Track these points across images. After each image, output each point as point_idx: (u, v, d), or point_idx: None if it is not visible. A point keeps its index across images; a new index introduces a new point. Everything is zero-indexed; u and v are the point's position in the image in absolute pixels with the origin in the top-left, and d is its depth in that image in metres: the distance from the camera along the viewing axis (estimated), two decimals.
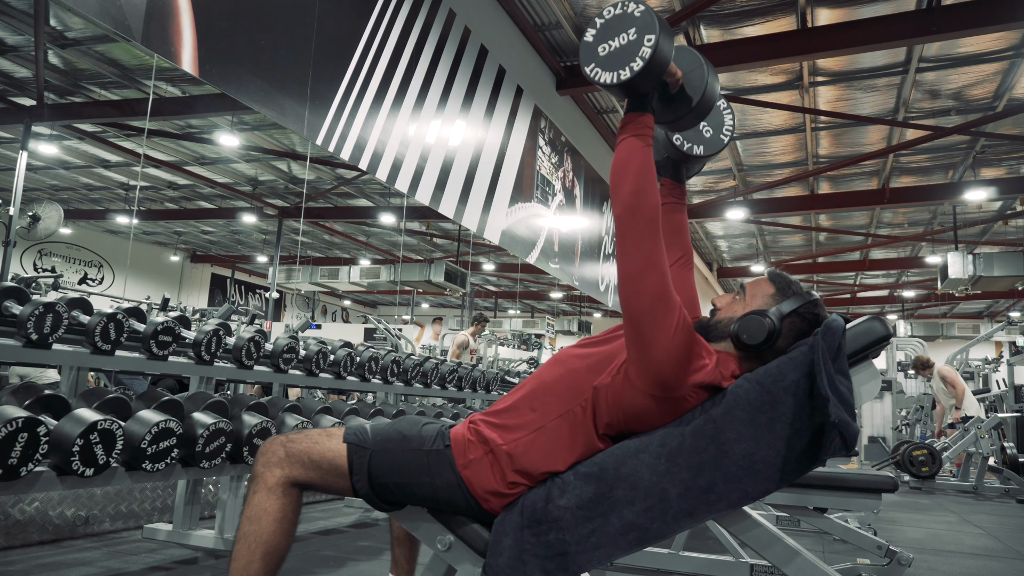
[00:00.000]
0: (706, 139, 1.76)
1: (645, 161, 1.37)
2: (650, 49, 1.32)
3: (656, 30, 1.33)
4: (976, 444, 6.79)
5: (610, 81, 1.37)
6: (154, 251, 14.92)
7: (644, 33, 1.34)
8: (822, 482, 2.51)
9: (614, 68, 1.36)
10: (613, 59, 1.37)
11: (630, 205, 1.33)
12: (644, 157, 1.37)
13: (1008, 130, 7.14)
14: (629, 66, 1.34)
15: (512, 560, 1.31)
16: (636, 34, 1.35)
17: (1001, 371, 9.68)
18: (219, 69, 2.93)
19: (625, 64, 1.35)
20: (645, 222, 1.33)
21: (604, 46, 1.39)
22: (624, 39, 1.36)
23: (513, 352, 13.63)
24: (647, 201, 1.34)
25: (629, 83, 1.35)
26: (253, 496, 1.35)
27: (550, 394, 1.43)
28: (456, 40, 4.74)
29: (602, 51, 1.39)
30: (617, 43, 1.37)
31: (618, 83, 1.36)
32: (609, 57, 1.37)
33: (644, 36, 1.34)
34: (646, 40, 1.33)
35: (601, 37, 1.40)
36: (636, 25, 1.35)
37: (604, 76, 1.38)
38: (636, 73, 1.33)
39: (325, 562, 2.86)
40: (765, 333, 1.42)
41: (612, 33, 1.38)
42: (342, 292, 19.14)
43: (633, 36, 1.35)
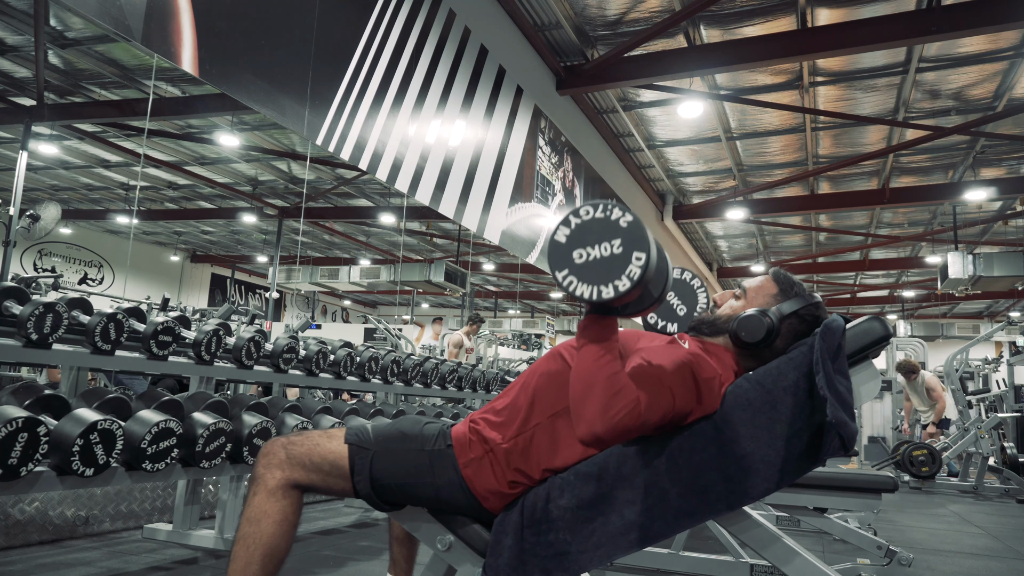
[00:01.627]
0: (680, 317, 1.75)
1: (611, 372, 1.23)
2: (640, 270, 1.16)
3: (646, 248, 1.17)
4: (976, 444, 6.79)
5: (589, 297, 1.20)
6: (154, 251, 14.91)
7: (632, 250, 1.18)
8: (822, 482, 2.52)
9: (593, 283, 1.19)
10: (592, 271, 1.20)
11: (596, 432, 1.20)
12: (609, 370, 1.23)
13: (1008, 130, 7.14)
14: (614, 284, 1.18)
15: (512, 560, 1.31)
16: (622, 249, 1.18)
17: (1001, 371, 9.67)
18: (219, 69, 2.93)
19: (608, 281, 1.18)
20: (621, 433, 1.22)
21: (581, 252, 1.21)
22: (606, 250, 1.19)
23: (513, 352, 13.63)
24: (615, 423, 1.20)
25: (609, 302, 1.20)
26: (253, 498, 1.35)
27: (548, 390, 1.43)
28: (456, 40, 4.74)
29: (578, 258, 1.21)
30: (598, 253, 1.20)
31: (597, 301, 1.20)
32: (587, 267, 1.20)
33: (632, 253, 1.17)
34: (635, 259, 1.17)
35: (577, 240, 1.22)
36: (623, 238, 1.19)
37: (581, 288, 1.20)
38: (621, 294, 1.18)
39: (325, 562, 2.86)
40: (764, 332, 1.42)
41: (591, 239, 1.21)
42: (342, 292, 19.14)
43: (618, 250, 1.18)
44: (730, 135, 7.58)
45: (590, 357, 1.24)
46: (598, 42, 5.85)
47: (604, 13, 5.44)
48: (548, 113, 6.17)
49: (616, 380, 1.22)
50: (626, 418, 1.20)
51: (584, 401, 1.22)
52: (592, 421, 1.20)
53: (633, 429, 1.22)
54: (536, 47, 5.73)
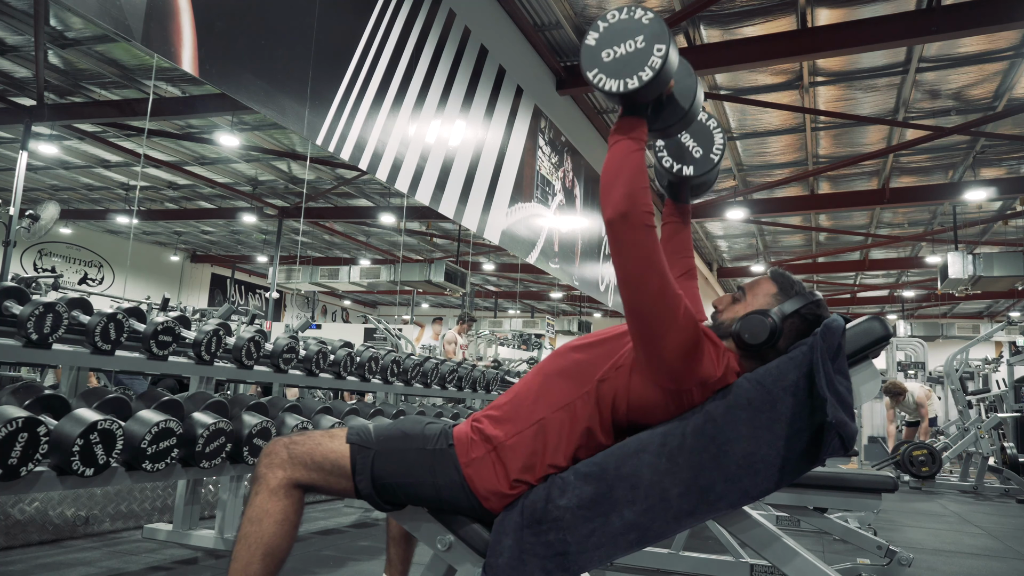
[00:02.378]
0: (696, 159, 1.74)
1: (638, 164, 1.33)
2: (660, 60, 1.28)
3: (667, 40, 1.29)
4: (976, 444, 6.79)
5: (616, 89, 1.32)
6: (154, 251, 14.91)
7: (653, 43, 1.30)
8: (822, 482, 2.52)
9: (620, 76, 1.32)
10: (619, 66, 1.32)
11: (622, 209, 1.30)
12: (637, 160, 1.34)
13: (1008, 130, 7.14)
14: (637, 75, 1.30)
15: (512, 560, 1.31)
16: (644, 43, 1.31)
17: (1001, 371, 9.68)
18: (219, 69, 2.93)
19: (633, 73, 1.31)
20: (638, 225, 1.30)
21: (608, 51, 1.34)
22: (631, 46, 1.32)
23: (513, 352, 13.63)
24: (639, 204, 1.30)
25: (635, 92, 1.31)
26: (255, 497, 1.35)
27: (552, 387, 1.43)
28: (456, 40, 4.74)
29: (606, 56, 1.34)
30: (623, 50, 1.32)
31: (624, 91, 1.32)
32: (614, 64, 1.33)
33: (653, 46, 1.29)
34: (655, 50, 1.29)
35: (605, 42, 1.35)
36: (644, 33, 1.31)
37: (609, 83, 1.33)
38: (645, 83, 1.30)
39: (325, 562, 2.86)
40: (767, 333, 1.42)
41: (617, 39, 1.34)
42: (342, 292, 19.14)
43: (641, 44, 1.31)
44: (730, 135, 7.58)
45: (622, 150, 1.34)
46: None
47: (604, 13, 5.43)
48: (548, 113, 6.16)
49: (642, 175, 1.32)
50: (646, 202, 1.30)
51: (612, 185, 1.32)
52: (619, 201, 1.30)
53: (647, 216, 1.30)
54: (536, 47, 5.73)
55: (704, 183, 1.79)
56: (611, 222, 1.31)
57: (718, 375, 1.38)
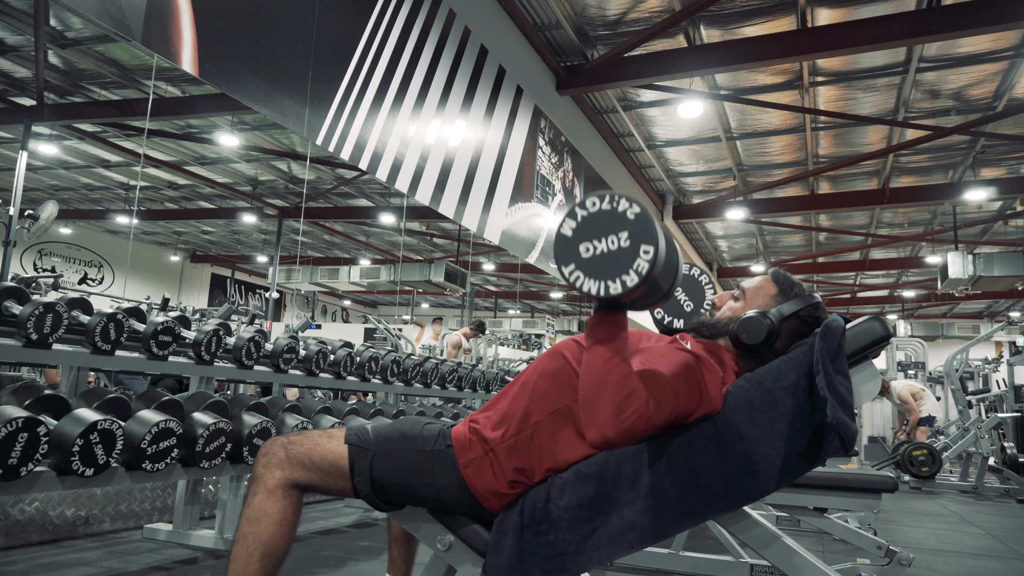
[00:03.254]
0: (687, 313, 1.75)
1: (621, 373, 1.22)
2: (648, 264, 1.14)
3: (655, 240, 1.14)
4: (976, 444, 6.79)
5: (597, 292, 1.17)
6: (154, 251, 14.91)
7: (640, 243, 1.15)
8: (822, 482, 2.52)
9: (601, 278, 1.17)
10: (599, 266, 1.17)
11: (607, 435, 1.21)
12: (619, 369, 1.22)
13: (1008, 130, 7.14)
14: (621, 280, 1.15)
15: (512, 560, 1.31)
16: (629, 242, 1.15)
17: (1001, 371, 9.68)
18: (219, 69, 2.93)
19: (616, 275, 1.15)
20: (631, 437, 1.23)
21: (588, 246, 1.18)
22: (613, 243, 1.16)
23: (513, 352, 13.63)
24: (625, 429, 1.20)
25: (618, 297, 1.18)
26: (253, 497, 1.35)
27: (548, 388, 1.42)
28: (456, 40, 4.74)
29: (585, 252, 1.18)
30: (605, 246, 1.17)
31: (605, 296, 1.17)
32: (594, 262, 1.17)
33: (640, 247, 1.15)
34: (643, 252, 1.14)
35: (583, 234, 1.19)
36: (630, 230, 1.16)
37: (588, 284, 1.17)
38: (628, 290, 1.15)
39: (325, 562, 2.86)
40: (764, 334, 1.42)
41: (597, 231, 1.18)
42: (342, 292, 19.14)
43: (626, 243, 1.16)
44: (730, 135, 7.58)
45: (600, 359, 1.22)
46: (598, 42, 5.85)
47: (604, 13, 5.44)
48: (548, 113, 6.16)
49: (627, 383, 1.21)
50: (637, 422, 1.20)
51: (595, 405, 1.21)
52: (603, 425, 1.20)
53: (642, 432, 1.23)
54: (536, 47, 5.73)
55: None
56: (596, 447, 1.25)
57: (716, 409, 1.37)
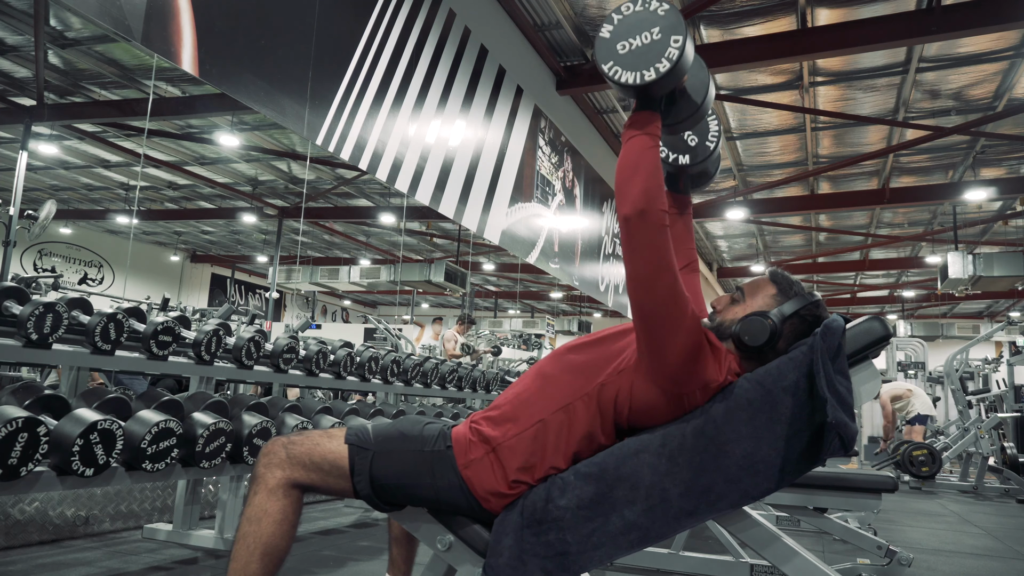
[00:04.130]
0: (691, 148, 1.73)
1: (655, 161, 1.32)
2: (678, 51, 1.27)
3: (683, 31, 1.27)
4: (976, 444, 6.79)
5: (632, 81, 1.30)
6: (154, 251, 14.91)
7: (670, 33, 1.28)
8: (822, 482, 2.52)
9: (636, 68, 1.30)
10: (635, 58, 1.30)
11: (640, 207, 1.28)
12: (654, 157, 1.32)
13: (1008, 130, 7.14)
14: (655, 67, 1.28)
15: (512, 560, 1.31)
16: (660, 34, 1.29)
17: (1001, 371, 9.68)
18: (219, 69, 2.93)
19: (649, 65, 1.29)
20: (654, 224, 1.29)
21: (624, 44, 1.32)
22: (647, 38, 1.30)
23: (513, 352, 13.62)
24: (656, 202, 1.29)
25: (652, 84, 1.29)
26: (254, 497, 1.35)
27: (551, 387, 1.43)
28: (456, 40, 4.74)
29: (621, 49, 1.32)
30: (639, 41, 1.30)
31: (641, 84, 1.30)
32: (630, 56, 1.31)
33: (670, 37, 1.28)
34: (672, 41, 1.27)
35: (620, 34, 1.33)
36: (660, 25, 1.29)
37: (625, 75, 1.31)
38: (663, 75, 1.28)
39: (325, 562, 2.86)
40: (767, 335, 1.41)
41: (633, 31, 1.32)
42: (342, 292, 19.14)
43: (657, 36, 1.29)
44: (730, 135, 7.58)
45: (638, 146, 1.32)
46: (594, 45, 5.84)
47: (604, 13, 5.44)
48: (548, 113, 6.16)
49: (658, 173, 1.31)
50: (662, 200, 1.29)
51: (629, 181, 1.30)
52: (636, 197, 1.29)
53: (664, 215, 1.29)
54: (536, 47, 5.73)
55: (704, 172, 1.77)
56: (627, 219, 1.30)
57: (720, 380, 1.38)
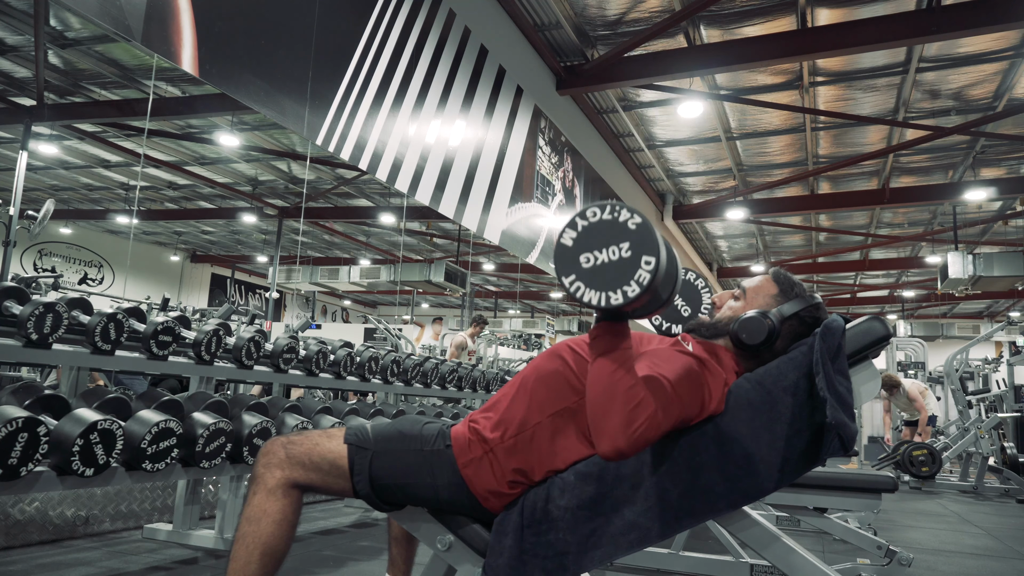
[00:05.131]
0: (684, 318, 1.75)
1: (628, 380, 1.20)
2: (649, 275, 1.13)
3: (656, 251, 1.14)
4: (976, 444, 6.79)
5: (598, 303, 1.16)
6: (154, 251, 14.91)
7: (641, 253, 1.14)
8: (822, 482, 2.52)
9: (602, 288, 1.16)
10: (600, 276, 1.16)
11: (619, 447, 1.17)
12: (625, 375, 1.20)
13: (1008, 130, 7.14)
14: (623, 290, 1.14)
15: (512, 560, 1.31)
16: (631, 252, 1.15)
17: (1001, 371, 9.68)
18: (219, 69, 2.93)
19: (617, 286, 1.15)
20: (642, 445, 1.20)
21: (588, 256, 1.17)
22: (614, 254, 1.16)
23: (513, 352, 13.62)
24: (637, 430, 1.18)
25: (618, 308, 1.17)
26: (253, 497, 1.35)
27: (548, 389, 1.42)
28: (456, 40, 4.74)
29: (585, 262, 1.17)
30: (605, 257, 1.16)
31: (607, 307, 1.16)
32: (594, 272, 1.17)
33: (641, 257, 1.14)
34: (644, 263, 1.13)
35: (584, 244, 1.18)
36: (631, 240, 1.15)
37: (590, 295, 1.16)
38: (630, 300, 1.14)
39: (325, 562, 2.86)
40: (765, 334, 1.42)
41: (598, 242, 1.17)
42: (342, 292, 19.14)
43: (627, 254, 1.15)
44: (730, 135, 7.58)
45: (606, 371, 1.21)
46: (598, 42, 5.85)
47: (604, 13, 5.44)
48: (548, 113, 6.16)
49: (634, 394, 1.19)
50: (647, 431, 1.18)
51: (605, 418, 1.19)
52: (615, 437, 1.17)
53: (652, 440, 1.21)
54: (536, 47, 5.73)
55: None
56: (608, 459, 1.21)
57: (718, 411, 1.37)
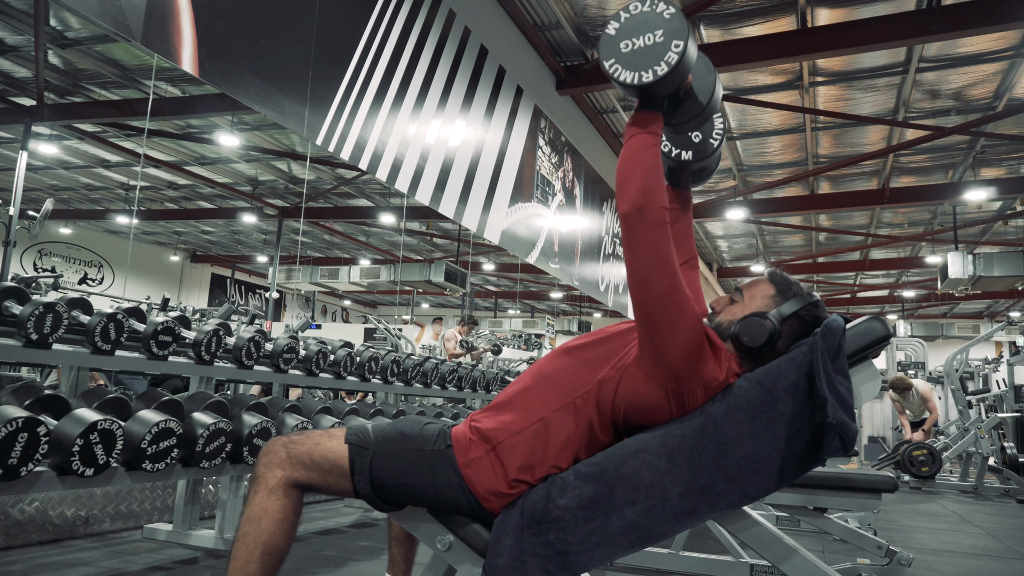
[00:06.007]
0: (695, 144, 1.73)
1: (654, 159, 1.34)
2: (677, 56, 1.29)
3: (685, 36, 1.29)
4: (976, 444, 6.79)
5: (631, 81, 1.33)
6: (154, 251, 14.91)
7: (672, 38, 1.30)
8: (822, 482, 2.51)
9: (636, 68, 1.33)
10: (636, 58, 1.33)
11: (638, 204, 1.30)
12: (653, 155, 1.34)
13: (1008, 130, 7.14)
14: (653, 69, 1.31)
15: (512, 560, 1.31)
16: (663, 37, 1.31)
17: (1001, 371, 9.68)
18: (219, 69, 2.93)
19: (649, 66, 1.31)
20: (653, 221, 1.30)
21: (627, 43, 1.35)
22: (650, 39, 1.32)
23: (513, 352, 13.62)
24: (655, 200, 1.31)
25: (650, 86, 1.32)
26: (254, 497, 1.35)
27: (551, 386, 1.43)
28: (456, 40, 4.74)
29: (624, 48, 1.35)
30: (642, 42, 1.33)
31: (639, 84, 1.33)
32: (632, 55, 1.34)
33: (672, 41, 1.30)
34: (674, 45, 1.30)
35: (624, 33, 1.36)
36: (664, 28, 1.32)
37: (625, 75, 1.34)
38: (660, 78, 1.30)
39: (325, 562, 2.86)
40: (766, 336, 1.41)
41: (636, 31, 1.34)
42: (342, 292, 19.14)
43: (660, 39, 1.31)
44: (730, 135, 7.58)
45: (638, 144, 1.34)
46: (598, 42, 5.85)
47: (604, 13, 5.44)
48: (548, 113, 6.16)
49: (658, 171, 1.33)
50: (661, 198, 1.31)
51: (629, 178, 1.32)
52: (635, 195, 1.30)
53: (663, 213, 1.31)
54: (536, 47, 5.73)
55: (704, 168, 1.78)
56: (626, 216, 1.31)
57: (721, 378, 1.38)
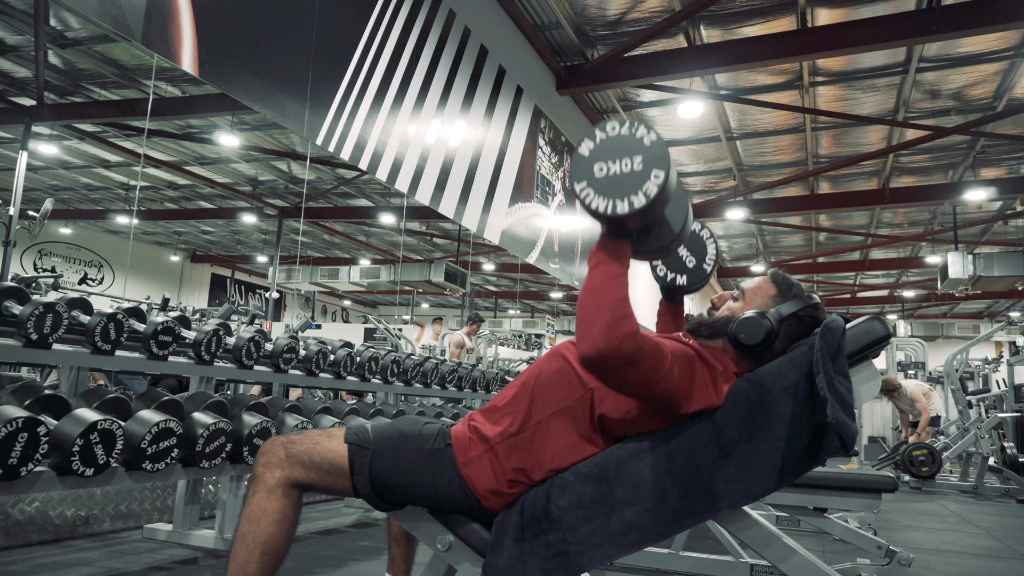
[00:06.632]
0: (689, 269, 1.72)
1: (622, 291, 1.23)
2: (657, 188, 1.19)
3: (666, 166, 1.19)
4: (976, 444, 6.79)
5: (604, 210, 1.22)
6: (154, 251, 14.91)
7: (652, 167, 1.20)
8: (822, 482, 2.52)
9: (611, 196, 1.22)
10: (611, 185, 1.22)
11: (600, 348, 1.19)
12: (620, 286, 1.24)
13: (1008, 130, 7.14)
14: (629, 199, 1.20)
15: (512, 560, 1.31)
16: (642, 165, 1.21)
17: (1001, 371, 9.68)
18: (219, 69, 2.93)
19: (625, 195, 1.20)
20: (619, 364, 1.21)
21: (602, 166, 1.23)
22: (627, 166, 1.22)
23: (513, 352, 13.62)
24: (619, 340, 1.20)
25: (625, 218, 1.22)
26: (253, 496, 1.35)
27: (549, 389, 1.43)
28: (456, 40, 4.74)
29: (599, 171, 1.23)
30: (618, 168, 1.22)
31: (611, 215, 1.21)
32: (606, 181, 1.22)
33: (651, 171, 1.20)
34: (654, 175, 1.19)
35: (599, 155, 1.25)
36: (644, 155, 1.21)
37: (598, 202, 1.22)
38: (636, 211, 1.20)
39: (325, 562, 2.86)
40: (763, 334, 1.42)
41: (613, 154, 1.24)
42: (342, 292, 19.14)
43: (639, 166, 1.21)
44: (730, 135, 7.58)
45: (603, 275, 1.24)
46: (598, 42, 5.85)
47: (604, 13, 5.44)
48: (548, 113, 6.16)
49: (624, 305, 1.22)
50: (628, 341, 1.20)
51: (591, 318, 1.21)
52: (597, 338, 1.20)
53: (630, 355, 1.21)
54: (536, 47, 5.73)
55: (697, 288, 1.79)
56: (586, 360, 1.21)
57: (717, 403, 1.37)
